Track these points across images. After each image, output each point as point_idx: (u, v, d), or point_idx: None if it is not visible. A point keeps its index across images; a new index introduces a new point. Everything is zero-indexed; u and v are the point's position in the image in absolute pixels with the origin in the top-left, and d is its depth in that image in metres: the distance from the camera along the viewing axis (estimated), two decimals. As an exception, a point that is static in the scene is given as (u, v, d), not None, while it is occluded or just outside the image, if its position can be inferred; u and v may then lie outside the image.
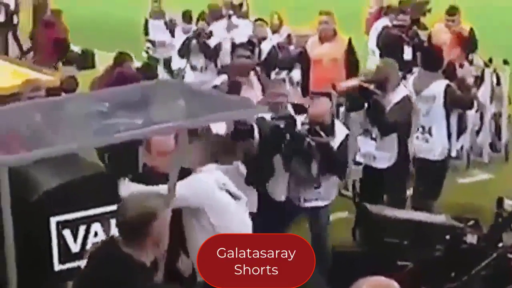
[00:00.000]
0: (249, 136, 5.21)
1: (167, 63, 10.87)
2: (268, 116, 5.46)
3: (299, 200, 5.57)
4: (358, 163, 6.42)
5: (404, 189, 6.33)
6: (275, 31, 9.74)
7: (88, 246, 3.56)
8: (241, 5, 11.93)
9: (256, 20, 9.54)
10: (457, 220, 4.93)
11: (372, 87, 6.03)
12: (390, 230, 4.93)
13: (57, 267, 3.69)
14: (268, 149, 5.36)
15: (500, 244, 4.61)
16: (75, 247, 3.54)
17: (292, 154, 5.43)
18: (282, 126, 5.40)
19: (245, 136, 5.18)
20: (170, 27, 11.04)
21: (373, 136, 6.13)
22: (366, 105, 6.06)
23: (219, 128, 5.18)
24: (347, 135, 5.67)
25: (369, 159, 6.21)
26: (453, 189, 7.15)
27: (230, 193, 4.03)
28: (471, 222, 4.73)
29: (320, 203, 5.60)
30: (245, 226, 4.06)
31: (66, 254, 3.66)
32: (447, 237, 4.74)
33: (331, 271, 4.94)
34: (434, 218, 5.01)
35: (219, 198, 3.98)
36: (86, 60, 13.84)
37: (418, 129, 6.42)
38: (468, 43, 8.94)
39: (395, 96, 6.08)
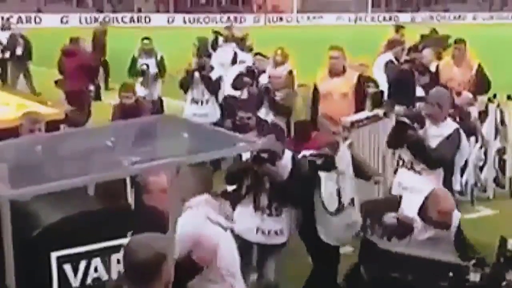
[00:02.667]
0: (270, 162, 5.22)
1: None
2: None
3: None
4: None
5: None
6: (277, 66, 9.74)
7: (88, 281, 3.55)
8: (242, 38, 12.05)
9: (255, 55, 9.59)
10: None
11: (407, 121, 5.81)
12: (395, 264, 4.91)
13: (57, 301, 3.68)
14: (300, 184, 5.33)
15: (504, 283, 4.58)
16: (75, 282, 3.53)
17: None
18: (318, 162, 5.34)
19: (266, 162, 5.21)
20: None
21: (417, 169, 5.86)
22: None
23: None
24: None
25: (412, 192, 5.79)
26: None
27: (220, 225, 3.97)
28: (474, 261, 4.69)
29: None
30: (234, 256, 4.06)
31: (66, 289, 3.65)
32: (450, 274, 4.72)
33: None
34: (437, 254, 4.98)
35: (212, 234, 3.91)
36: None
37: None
38: (477, 81, 8.98)
39: (446, 129, 5.86)
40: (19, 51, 15.03)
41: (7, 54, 15.38)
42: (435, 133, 5.82)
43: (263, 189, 5.37)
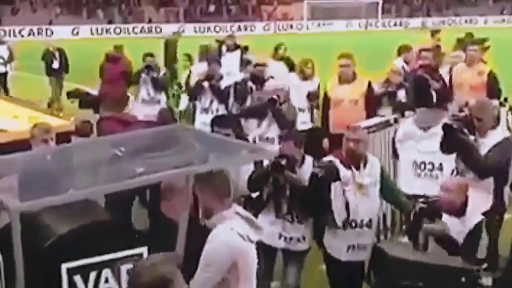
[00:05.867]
0: (289, 169, 5.22)
1: None
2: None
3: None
4: None
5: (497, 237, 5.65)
6: (305, 78, 9.35)
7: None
8: (246, 47, 12.04)
9: (256, 66, 9.52)
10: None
11: (456, 125, 5.65)
12: (405, 272, 4.89)
13: (68, 313, 3.68)
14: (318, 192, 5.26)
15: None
16: (85, 293, 3.54)
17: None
18: (319, 175, 5.22)
19: (285, 169, 5.20)
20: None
21: (468, 178, 5.60)
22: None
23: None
24: None
25: None
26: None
27: (249, 239, 3.84)
28: (486, 265, 4.67)
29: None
30: (255, 269, 3.95)
31: (77, 300, 3.65)
32: (463, 279, 4.69)
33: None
34: (449, 260, 4.96)
35: (245, 254, 3.81)
36: (103, 104, 14.01)
37: (425, 167, 6.30)
38: (488, 87, 8.93)
39: (494, 137, 5.75)
40: (55, 65, 14.99)
41: (7, 68, 15.52)
42: (483, 142, 5.72)
43: (284, 196, 5.34)
